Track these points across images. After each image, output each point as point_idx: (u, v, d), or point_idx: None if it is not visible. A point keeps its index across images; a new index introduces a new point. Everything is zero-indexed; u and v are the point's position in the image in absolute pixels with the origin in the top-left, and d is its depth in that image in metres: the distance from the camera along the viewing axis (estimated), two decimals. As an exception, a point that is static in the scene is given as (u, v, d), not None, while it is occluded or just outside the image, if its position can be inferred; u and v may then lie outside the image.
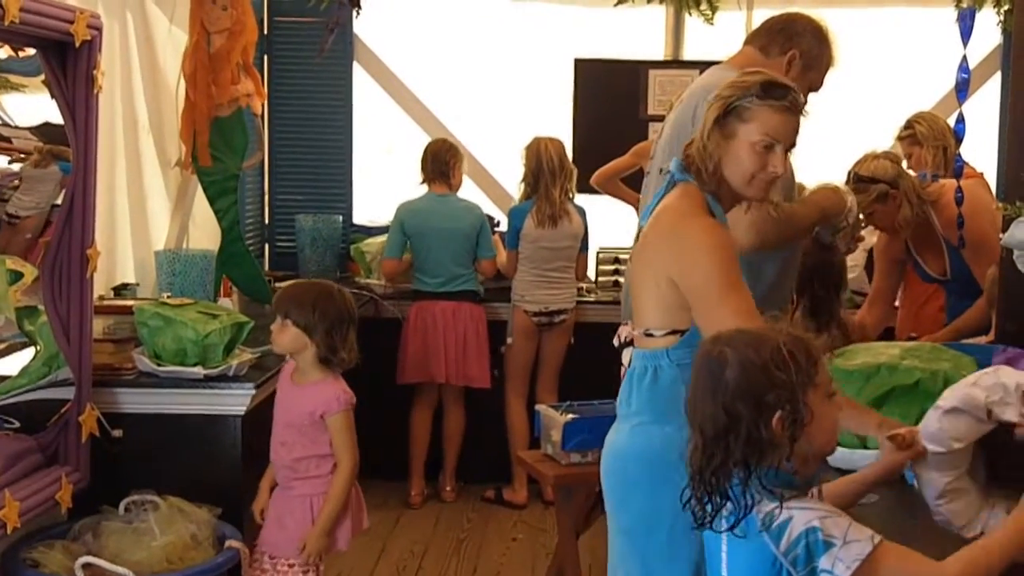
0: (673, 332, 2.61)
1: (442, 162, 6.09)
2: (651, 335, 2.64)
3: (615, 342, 3.53)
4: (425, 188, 6.12)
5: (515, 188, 6.25)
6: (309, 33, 6.42)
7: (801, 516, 2.00)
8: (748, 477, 2.03)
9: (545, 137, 6.04)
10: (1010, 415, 2.22)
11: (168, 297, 4.30)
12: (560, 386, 6.15)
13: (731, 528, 2.06)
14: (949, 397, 2.34)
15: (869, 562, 1.93)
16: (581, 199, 6.16)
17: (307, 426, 3.67)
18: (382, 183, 6.89)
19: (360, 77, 6.85)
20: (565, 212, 5.96)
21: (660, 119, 3.82)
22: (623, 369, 2.92)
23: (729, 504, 2.07)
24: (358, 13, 5.91)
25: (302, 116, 6.73)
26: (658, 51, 6.94)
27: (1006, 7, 5.72)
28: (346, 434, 3.71)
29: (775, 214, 3.14)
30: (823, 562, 1.95)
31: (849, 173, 4.30)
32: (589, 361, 4.85)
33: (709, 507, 2.08)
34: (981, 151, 4.02)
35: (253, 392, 3.96)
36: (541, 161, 5.94)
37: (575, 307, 6.14)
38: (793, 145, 2.68)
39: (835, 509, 2.05)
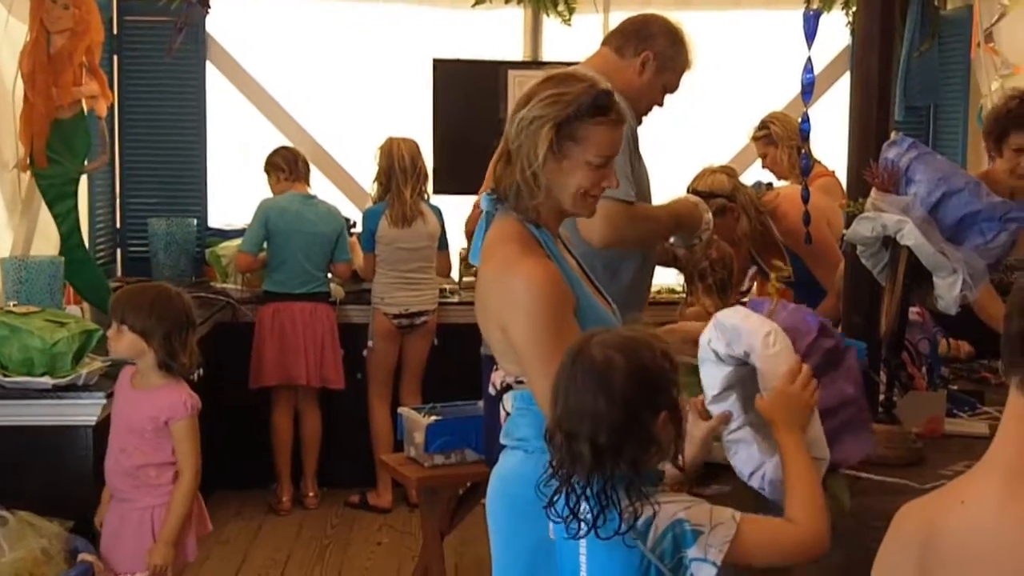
0: None
1: (306, 164, 6.12)
2: (521, 382, 2.56)
3: (491, 391, 3.49)
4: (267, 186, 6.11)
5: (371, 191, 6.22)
6: (159, 33, 6.31)
7: (664, 510, 2.03)
8: (635, 478, 2.05)
9: (398, 137, 6.02)
10: (737, 350, 2.25)
11: (14, 305, 4.18)
12: (424, 388, 6.13)
13: (620, 534, 2.05)
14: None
15: (736, 540, 2.00)
16: (438, 199, 6.15)
17: (150, 432, 3.59)
18: (238, 185, 6.79)
19: (214, 77, 6.74)
20: (419, 212, 5.94)
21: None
22: (503, 413, 2.84)
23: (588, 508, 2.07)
24: (207, 12, 5.82)
25: (154, 117, 6.58)
26: (517, 52, 6.97)
27: (854, 8, 5.87)
28: (190, 441, 3.63)
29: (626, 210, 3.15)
30: (694, 551, 1.99)
31: (688, 189, 4.34)
32: (453, 363, 4.85)
33: (595, 512, 2.07)
34: (836, 150, 4.10)
35: (103, 401, 3.87)
36: (393, 161, 5.92)
37: (437, 308, 6.13)
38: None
39: (692, 498, 2.08)
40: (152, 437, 3.59)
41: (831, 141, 4.26)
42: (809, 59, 3.50)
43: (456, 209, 6.09)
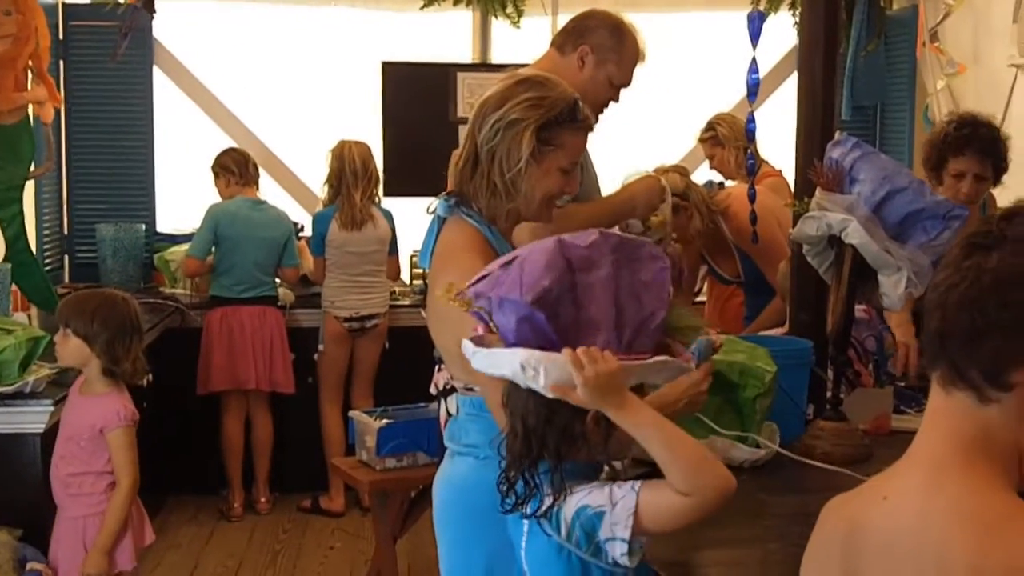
0: None
1: (255, 168, 6.08)
2: (472, 390, 2.55)
3: (432, 390, 3.49)
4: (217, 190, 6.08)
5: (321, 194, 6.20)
6: (106, 38, 6.25)
7: (569, 501, 2.03)
8: (557, 467, 2.03)
9: (351, 140, 6.01)
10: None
11: (-41, 313, 4.14)
12: (376, 392, 6.12)
13: (533, 514, 2.06)
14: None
15: (638, 512, 1.96)
16: (388, 202, 6.14)
17: (85, 440, 3.57)
18: (186, 190, 6.74)
19: (161, 82, 6.69)
20: (369, 216, 5.93)
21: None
22: (443, 416, 2.82)
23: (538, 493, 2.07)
24: (152, 16, 5.79)
25: (101, 122, 6.53)
26: (465, 54, 6.97)
27: (800, 9, 5.91)
28: (126, 451, 3.60)
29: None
30: (603, 532, 1.98)
31: None
32: (404, 366, 4.83)
33: (521, 492, 2.07)
34: (785, 150, 4.14)
35: (51, 409, 3.83)
36: (344, 164, 5.90)
37: (388, 311, 6.11)
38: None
39: (595, 483, 2.04)
40: (88, 445, 3.57)
41: (780, 141, 4.29)
42: (754, 60, 3.54)
43: (407, 212, 6.08)
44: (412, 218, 6.33)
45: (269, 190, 6.36)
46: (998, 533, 1.33)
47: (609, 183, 3.74)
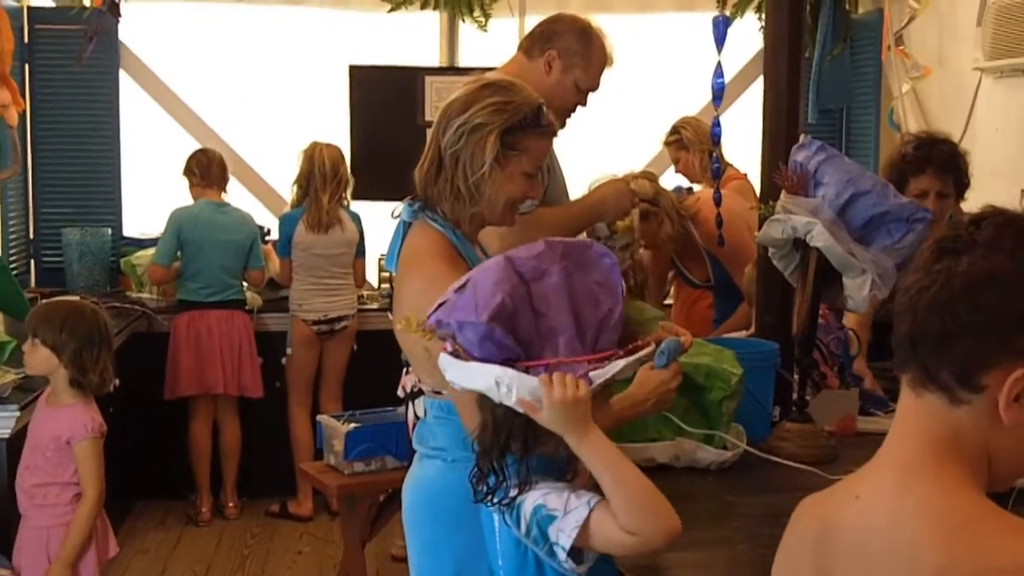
0: None
1: (219, 172, 6.05)
2: (440, 393, 2.54)
3: (400, 393, 3.48)
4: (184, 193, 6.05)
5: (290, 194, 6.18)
6: (72, 41, 6.20)
7: (529, 498, 2.05)
8: (523, 459, 2.06)
9: (322, 142, 5.99)
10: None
11: (-76, 318, 4.11)
12: (344, 395, 6.10)
13: (499, 504, 2.09)
14: None
15: (585, 526, 1.99)
16: (358, 206, 6.13)
17: (51, 451, 3.55)
18: (153, 194, 6.71)
19: (128, 86, 6.66)
20: (337, 219, 5.91)
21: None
22: (412, 419, 2.81)
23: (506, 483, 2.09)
24: (118, 20, 5.76)
25: (67, 126, 6.49)
26: (433, 57, 6.97)
27: (765, 13, 5.94)
28: (93, 462, 3.59)
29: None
30: (551, 535, 2.01)
31: None
32: (373, 369, 4.84)
33: (491, 482, 2.10)
34: (751, 154, 4.16)
35: (17, 414, 3.82)
36: (314, 165, 5.89)
37: (356, 314, 6.10)
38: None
39: (557, 484, 2.07)
40: (53, 456, 3.55)
41: (746, 144, 4.31)
42: (719, 64, 3.55)
43: (375, 216, 6.07)
44: (380, 222, 6.32)
45: (235, 193, 6.34)
46: (967, 533, 1.35)
47: (577, 186, 3.74)
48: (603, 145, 6.28)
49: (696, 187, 5.15)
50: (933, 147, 3.84)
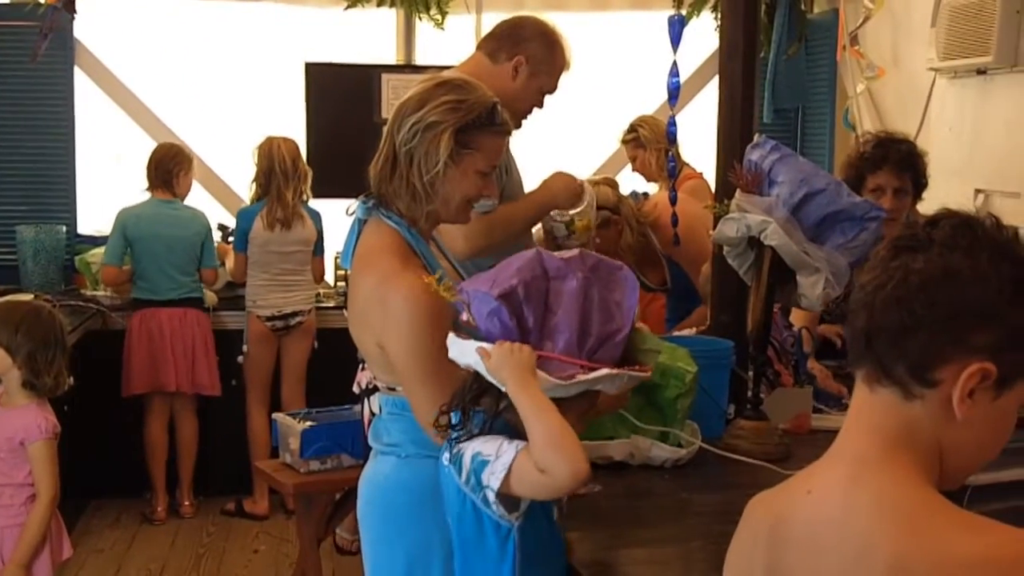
0: None
1: (165, 169, 5.96)
2: (394, 389, 2.55)
3: (355, 389, 3.46)
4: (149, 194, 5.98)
5: (247, 192, 6.15)
6: (26, 38, 6.15)
7: (471, 446, 2.13)
8: (491, 418, 2.14)
9: (278, 137, 5.97)
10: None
11: None
12: (307, 393, 6.07)
13: (452, 438, 2.19)
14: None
15: (512, 469, 2.06)
16: (316, 203, 6.10)
17: (6, 452, 3.53)
18: (110, 192, 6.66)
19: (83, 83, 6.61)
20: (298, 215, 5.89)
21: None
22: (367, 416, 2.82)
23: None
24: (73, 17, 5.71)
25: (21, 123, 6.42)
26: (389, 55, 6.95)
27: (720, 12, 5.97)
28: (47, 463, 3.57)
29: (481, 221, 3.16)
30: (483, 479, 2.09)
31: None
32: (334, 367, 4.79)
33: (458, 426, 2.19)
34: (708, 153, 4.18)
35: (-33, 412, 3.76)
36: (273, 161, 5.85)
37: (314, 310, 6.08)
38: None
39: (501, 436, 2.13)
40: (8, 457, 3.53)
41: (703, 143, 4.32)
42: (675, 63, 3.57)
43: (331, 213, 6.06)
44: (336, 219, 6.32)
45: (192, 191, 6.27)
46: (920, 526, 1.36)
47: (534, 186, 3.75)
48: (560, 144, 6.29)
49: (652, 189, 5.17)
50: (891, 145, 3.88)
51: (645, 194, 4.71)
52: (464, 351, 2.15)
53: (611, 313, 2.15)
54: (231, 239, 6.22)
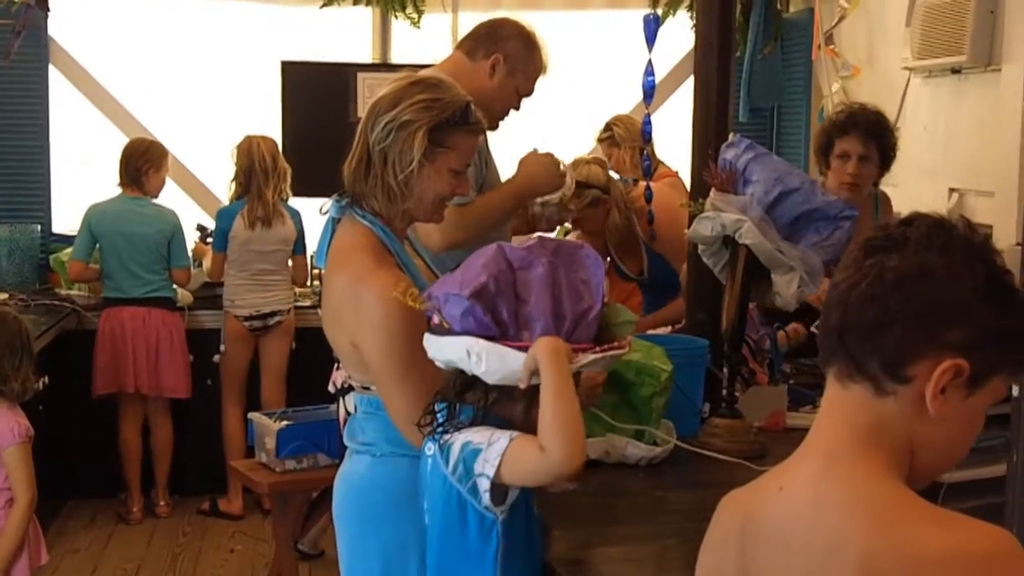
0: None
1: (134, 167, 5.91)
2: (369, 388, 2.54)
3: (331, 389, 3.45)
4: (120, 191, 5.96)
5: (224, 192, 6.13)
6: (-1, 36, 6.14)
7: (460, 437, 2.15)
8: (481, 412, 2.16)
9: (257, 135, 5.94)
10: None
11: None
12: (288, 393, 6.04)
13: (437, 431, 2.20)
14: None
15: (506, 456, 2.08)
16: (296, 201, 6.08)
17: None
18: (84, 190, 6.63)
19: (57, 81, 6.58)
20: (279, 214, 5.87)
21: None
22: (342, 416, 2.82)
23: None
24: (47, 14, 5.69)
25: (-7, 122, 6.41)
26: (365, 53, 6.94)
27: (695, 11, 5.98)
28: (23, 468, 3.56)
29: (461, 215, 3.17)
30: (476, 467, 2.10)
31: None
32: (312, 366, 4.79)
33: (442, 421, 2.20)
34: (683, 151, 4.19)
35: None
36: (253, 160, 5.83)
37: (293, 309, 6.06)
38: None
39: (490, 427, 2.15)
40: None
41: (678, 142, 4.33)
42: (650, 62, 3.58)
43: (307, 212, 6.04)
44: (311, 218, 6.31)
45: (167, 191, 6.24)
46: (890, 521, 1.37)
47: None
48: (536, 141, 6.28)
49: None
50: (860, 112, 3.96)
51: (635, 180, 4.71)
52: (445, 347, 2.15)
53: (580, 292, 2.16)
54: (209, 240, 6.19)
